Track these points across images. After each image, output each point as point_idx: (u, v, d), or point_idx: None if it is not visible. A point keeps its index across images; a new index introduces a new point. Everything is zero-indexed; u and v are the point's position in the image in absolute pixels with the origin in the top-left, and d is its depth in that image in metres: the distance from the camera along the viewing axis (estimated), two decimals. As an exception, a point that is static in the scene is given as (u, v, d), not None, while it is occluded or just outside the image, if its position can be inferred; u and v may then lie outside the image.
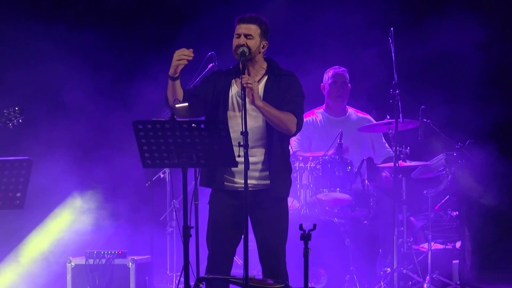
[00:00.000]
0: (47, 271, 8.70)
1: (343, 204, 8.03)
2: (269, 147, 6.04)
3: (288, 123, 5.99)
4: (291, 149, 7.39)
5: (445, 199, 8.44)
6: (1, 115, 6.65)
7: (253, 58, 6.07)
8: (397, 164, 7.86)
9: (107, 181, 9.41)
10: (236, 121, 5.98)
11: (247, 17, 6.10)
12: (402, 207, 8.05)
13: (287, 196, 6.15)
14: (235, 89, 6.11)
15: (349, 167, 7.97)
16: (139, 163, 5.67)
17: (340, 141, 7.93)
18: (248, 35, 6.05)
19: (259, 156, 6.06)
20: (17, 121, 6.69)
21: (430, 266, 8.01)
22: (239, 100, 6.00)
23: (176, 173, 6.89)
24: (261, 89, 6.07)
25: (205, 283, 5.79)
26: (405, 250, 8.02)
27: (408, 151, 8.02)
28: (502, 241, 9.95)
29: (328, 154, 7.97)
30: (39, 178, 8.14)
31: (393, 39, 7.85)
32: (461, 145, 8.17)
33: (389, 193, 8.18)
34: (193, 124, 5.52)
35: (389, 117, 8.02)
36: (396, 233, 7.85)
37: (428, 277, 7.96)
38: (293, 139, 7.98)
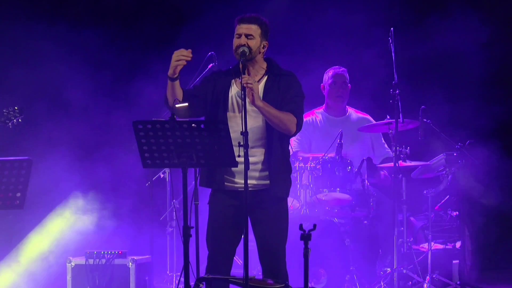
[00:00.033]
0: (47, 271, 8.69)
1: (343, 204, 8.03)
2: (269, 147, 6.03)
3: (288, 123, 5.99)
4: (291, 149, 7.39)
5: (445, 199, 8.42)
6: (0, 114, 6.65)
7: (253, 58, 6.07)
8: (397, 164, 7.85)
9: (107, 181, 9.40)
10: (236, 121, 5.98)
11: (248, 17, 6.10)
12: (402, 207, 8.04)
13: (287, 196, 6.14)
14: (235, 89, 6.10)
15: (349, 167, 7.97)
16: (139, 163, 5.67)
17: (340, 141, 7.93)
18: (248, 35, 6.05)
19: (259, 156, 6.05)
20: (17, 121, 6.68)
21: (430, 266, 8.00)
22: (239, 100, 5.99)
23: (176, 173, 6.90)
24: (261, 89, 6.07)
25: (205, 283, 5.78)
26: (405, 250, 8.01)
27: (408, 151, 8.02)
28: (502, 241, 9.94)
29: (328, 155, 7.96)
30: (39, 178, 8.12)
31: (393, 39, 7.84)
32: (461, 145, 8.16)
33: (389, 193, 8.17)
34: (193, 124, 5.52)
35: (389, 117, 8.02)
36: (396, 233, 7.84)
37: (428, 277, 7.95)
38: (293, 139, 7.98)
